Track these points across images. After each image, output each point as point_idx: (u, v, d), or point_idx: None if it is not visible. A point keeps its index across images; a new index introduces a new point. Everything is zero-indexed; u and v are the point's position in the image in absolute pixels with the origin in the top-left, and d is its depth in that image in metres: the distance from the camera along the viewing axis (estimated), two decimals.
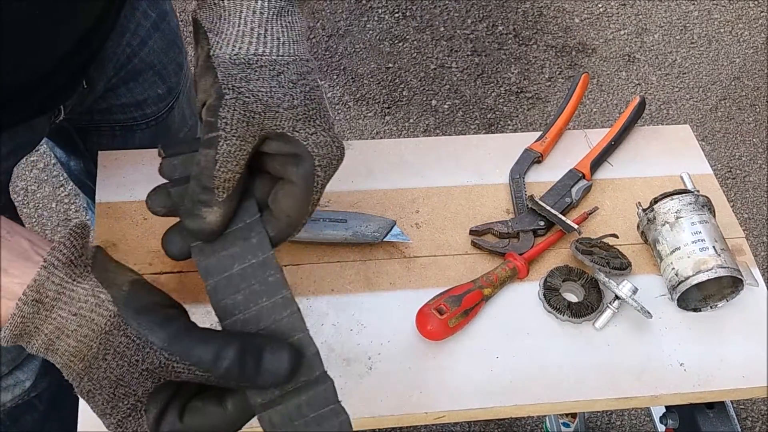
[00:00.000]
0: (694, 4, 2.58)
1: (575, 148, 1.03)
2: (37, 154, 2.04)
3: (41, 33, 0.72)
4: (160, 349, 0.52)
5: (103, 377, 0.53)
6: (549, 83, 2.33)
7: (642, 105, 1.06)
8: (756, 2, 2.60)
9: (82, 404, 0.78)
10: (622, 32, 2.48)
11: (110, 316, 0.52)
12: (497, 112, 2.26)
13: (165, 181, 0.61)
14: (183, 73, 1.08)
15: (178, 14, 1.07)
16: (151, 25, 0.97)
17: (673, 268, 0.87)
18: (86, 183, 1.18)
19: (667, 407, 1.20)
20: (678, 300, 0.87)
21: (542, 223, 0.94)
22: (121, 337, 0.52)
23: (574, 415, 1.58)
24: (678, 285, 0.86)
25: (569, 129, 1.06)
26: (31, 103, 0.82)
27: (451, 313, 0.83)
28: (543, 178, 1.00)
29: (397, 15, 2.46)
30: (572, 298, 0.89)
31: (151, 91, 1.03)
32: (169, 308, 0.55)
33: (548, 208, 0.95)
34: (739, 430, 1.07)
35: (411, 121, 2.23)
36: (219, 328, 0.57)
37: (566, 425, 1.59)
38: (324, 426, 0.54)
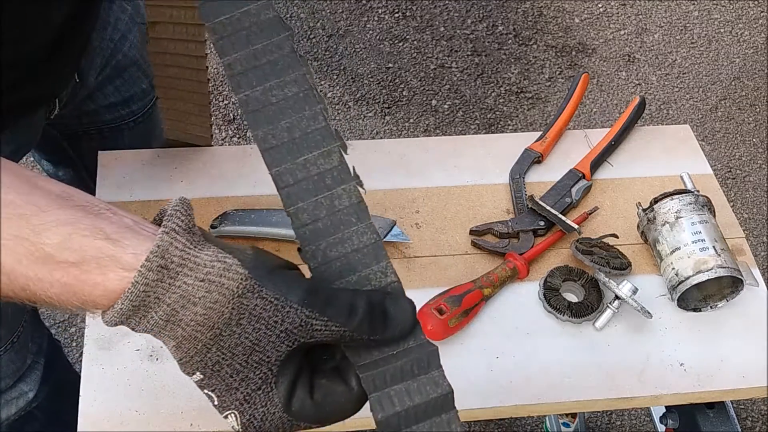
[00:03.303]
0: (694, 4, 2.58)
1: (575, 148, 1.03)
2: None
3: (31, 13, 0.73)
4: (300, 306, 0.50)
5: (236, 344, 0.50)
6: (549, 83, 2.33)
7: (642, 105, 1.06)
8: (756, 2, 2.60)
9: (82, 406, 0.78)
10: (622, 32, 2.48)
11: (241, 279, 0.49)
12: (497, 112, 2.26)
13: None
14: None
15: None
16: (129, 19, 0.98)
17: (673, 268, 0.87)
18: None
19: (667, 407, 1.19)
20: (678, 300, 0.87)
21: (542, 223, 0.94)
22: (257, 299, 0.50)
23: (574, 415, 1.58)
24: (678, 285, 0.86)
25: (569, 129, 1.06)
26: (29, 90, 0.83)
27: (451, 313, 0.83)
28: (543, 178, 1.00)
29: (397, 15, 2.46)
30: (572, 298, 0.89)
31: (136, 87, 1.04)
32: (292, 269, 0.53)
33: (548, 208, 0.95)
34: (739, 430, 1.07)
35: (411, 121, 2.23)
36: None
37: (566, 425, 1.59)
38: (424, 390, 0.53)
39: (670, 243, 0.88)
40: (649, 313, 0.84)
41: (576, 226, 0.93)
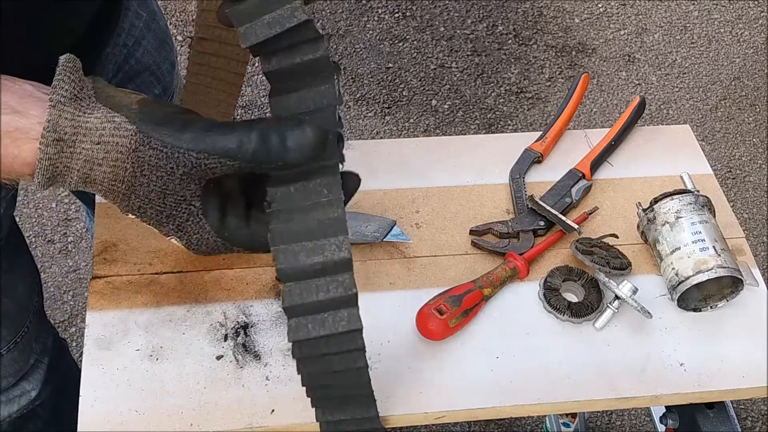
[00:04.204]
0: (694, 4, 2.58)
1: (575, 148, 1.03)
2: None
3: (44, 23, 0.73)
4: (187, 150, 0.53)
5: (148, 191, 0.55)
6: (549, 83, 2.33)
7: (642, 105, 1.06)
8: (756, 2, 2.60)
9: (82, 406, 0.78)
10: (622, 32, 2.48)
11: (131, 134, 0.53)
12: (497, 112, 2.26)
13: None
14: (175, 71, 1.08)
15: (166, 14, 1.08)
16: (144, 25, 0.98)
17: (673, 268, 0.87)
18: (86, 192, 1.18)
19: (667, 407, 1.19)
20: (678, 300, 0.87)
21: (542, 223, 0.94)
22: (149, 150, 0.53)
23: (574, 415, 1.58)
24: (678, 285, 0.86)
25: (569, 129, 1.06)
26: None
27: (451, 313, 0.83)
28: (543, 178, 1.00)
29: (397, 15, 2.46)
30: (572, 298, 0.89)
31: (148, 92, 1.03)
32: (184, 114, 0.56)
33: (548, 208, 0.95)
34: (739, 430, 1.07)
35: (411, 121, 2.23)
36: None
37: (566, 425, 1.59)
38: (327, 251, 0.57)
39: (670, 243, 0.88)
40: (649, 313, 0.84)
41: (576, 226, 0.93)
